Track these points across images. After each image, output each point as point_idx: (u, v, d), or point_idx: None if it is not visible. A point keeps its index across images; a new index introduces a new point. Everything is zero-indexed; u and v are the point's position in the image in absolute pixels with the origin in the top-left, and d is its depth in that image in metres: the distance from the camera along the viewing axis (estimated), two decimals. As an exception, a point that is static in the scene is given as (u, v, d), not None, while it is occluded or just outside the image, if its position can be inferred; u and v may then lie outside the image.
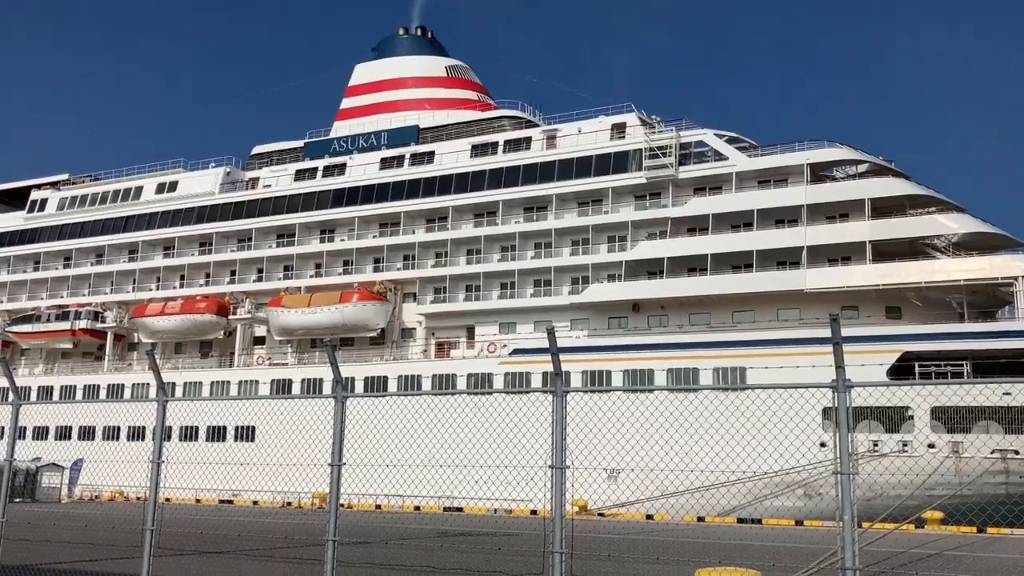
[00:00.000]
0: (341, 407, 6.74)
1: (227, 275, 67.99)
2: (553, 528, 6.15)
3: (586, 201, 57.54)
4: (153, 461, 7.49)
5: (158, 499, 7.57)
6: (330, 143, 69.50)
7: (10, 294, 75.20)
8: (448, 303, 59.09)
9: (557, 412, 6.28)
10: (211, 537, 22.02)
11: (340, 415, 6.67)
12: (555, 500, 6.10)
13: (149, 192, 72.64)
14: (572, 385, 48.78)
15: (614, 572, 15.28)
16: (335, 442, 6.68)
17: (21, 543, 16.63)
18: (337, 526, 6.55)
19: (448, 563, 16.51)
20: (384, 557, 17.33)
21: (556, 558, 6.05)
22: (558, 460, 6.24)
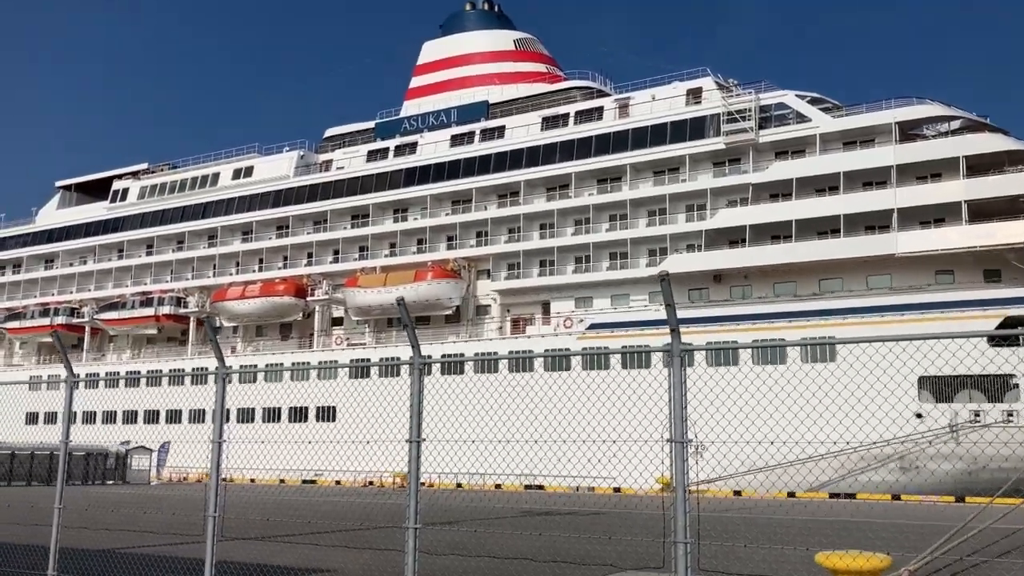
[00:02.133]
0: (419, 374, 5.90)
1: (304, 257, 68.46)
2: (676, 514, 5.19)
3: (662, 170, 55.89)
4: (214, 441, 6.81)
5: (219, 482, 6.86)
6: (400, 122, 69.19)
7: (97, 282, 77.21)
8: (522, 279, 58.30)
9: (675, 376, 5.31)
10: (290, 520, 21.71)
11: (418, 384, 5.83)
12: (678, 480, 5.15)
13: (226, 178, 73.54)
14: (654, 361, 47.61)
15: (723, 554, 14.26)
16: (413, 415, 5.85)
17: (96, 526, 16.45)
18: (418, 511, 5.74)
19: (557, 552, 15.68)
20: (475, 543, 16.58)
21: (680, 549, 5.10)
22: (678, 432, 5.27)
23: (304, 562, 13.38)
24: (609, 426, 30.06)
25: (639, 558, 14.26)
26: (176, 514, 17.83)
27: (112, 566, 11.38)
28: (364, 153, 68.67)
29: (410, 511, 5.81)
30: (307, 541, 16.40)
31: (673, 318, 5.54)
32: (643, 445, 15.96)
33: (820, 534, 17.22)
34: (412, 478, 5.78)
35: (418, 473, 5.91)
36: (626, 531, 19.85)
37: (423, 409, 5.98)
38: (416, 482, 5.86)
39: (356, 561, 13.98)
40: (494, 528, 20.43)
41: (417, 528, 5.81)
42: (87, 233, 79.66)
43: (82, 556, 12.18)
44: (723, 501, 36.67)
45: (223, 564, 7.15)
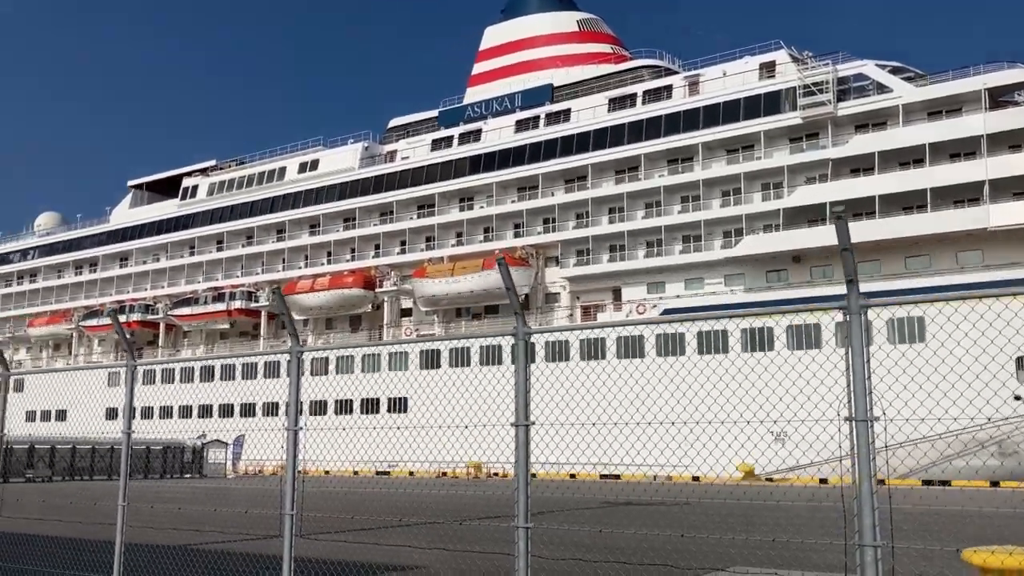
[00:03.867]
0: (524, 346, 4.94)
1: (371, 249, 68.37)
2: (860, 511, 4.13)
3: (735, 148, 54.05)
4: (289, 428, 5.99)
5: (296, 474, 6.01)
6: (464, 110, 68.51)
7: (170, 279, 78.46)
8: (592, 265, 57.10)
9: (855, 338, 4.25)
10: (371, 513, 21.07)
11: (524, 357, 4.87)
12: (862, 469, 4.09)
13: (292, 172, 73.90)
14: (732, 347, 46.05)
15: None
16: (519, 394, 4.89)
17: (173, 521, 15.98)
18: (529, 508, 4.80)
19: (677, 548, 14.63)
20: (591, 541, 15.59)
21: (868, 554, 4.04)
22: (860, 408, 4.21)
23: (386, 558, 12.63)
24: (686, 412, 28.88)
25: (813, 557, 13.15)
26: (250, 512, 17.22)
27: (185, 565, 10.74)
28: (428, 142, 68.21)
29: (519, 508, 4.86)
30: (388, 535, 15.68)
31: (851, 265, 4.48)
32: (723, 432, 14.91)
33: (941, 528, 15.87)
34: (520, 468, 4.83)
35: (527, 463, 4.95)
36: (743, 525, 18.68)
37: (529, 389, 5.02)
38: (526, 473, 4.90)
39: (440, 557, 13.15)
40: (588, 520, 19.47)
41: (528, 528, 4.85)
42: (159, 231, 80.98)
43: (153, 554, 11.58)
44: (812, 490, 35.04)
45: (301, 561, 6.35)
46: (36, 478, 45.54)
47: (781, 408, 12.63)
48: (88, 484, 42.19)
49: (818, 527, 15.88)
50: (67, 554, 11.56)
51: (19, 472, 45.37)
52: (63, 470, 47.58)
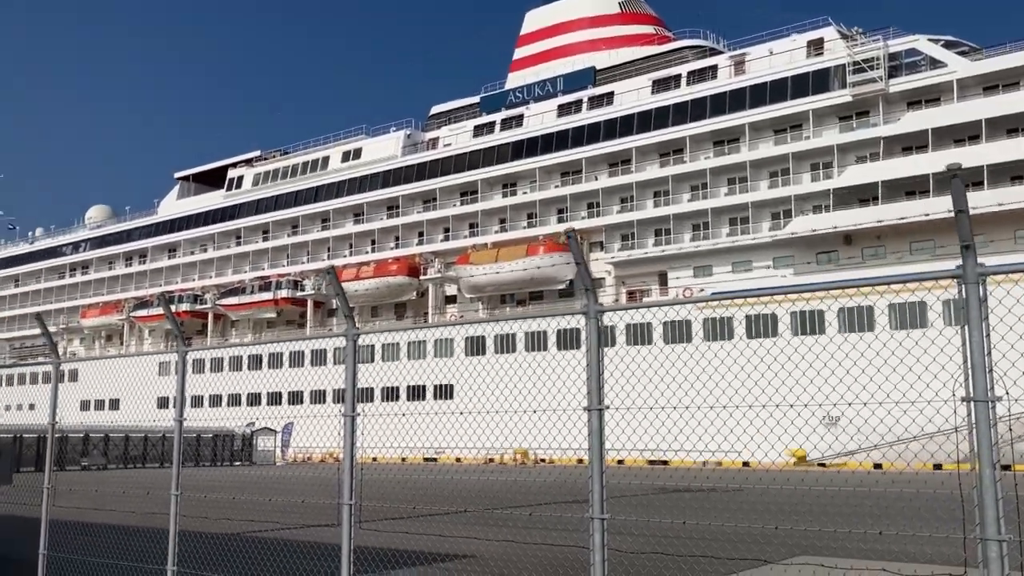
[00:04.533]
0: (596, 324, 4.62)
1: (415, 237, 68.40)
2: (982, 501, 3.74)
3: (783, 128, 52.94)
4: (345, 415, 5.73)
5: (353, 463, 5.77)
6: (505, 95, 68.08)
7: (217, 269, 79.36)
8: (637, 249, 56.44)
9: (973, 309, 3.86)
10: (426, 501, 20.95)
11: (597, 336, 4.56)
12: (983, 455, 3.70)
13: (335, 161, 74.17)
14: (780, 332, 45.20)
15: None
16: (591, 376, 4.58)
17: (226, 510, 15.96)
18: (605, 498, 4.49)
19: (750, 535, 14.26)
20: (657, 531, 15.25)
21: (992, 549, 3.66)
22: (980, 388, 3.83)
23: (441, 547, 12.44)
24: (738, 395, 28.35)
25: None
26: (306, 501, 17.14)
27: (241, 554, 10.62)
28: (470, 129, 67.93)
29: (594, 497, 4.55)
30: (449, 525, 15.50)
31: (966, 229, 4.08)
32: (775, 416, 14.45)
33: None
34: (594, 455, 4.51)
35: (602, 450, 4.63)
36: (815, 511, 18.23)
37: (603, 371, 4.70)
38: (600, 461, 4.58)
39: (492, 547, 12.92)
40: (648, 508, 19.14)
41: (605, 519, 4.54)
42: (205, 222, 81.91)
43: (208, 542, 11.50)
44: (868, 476, 34.31)
45: (358, 550, 6.11)
46: (91, 466, 46.37)
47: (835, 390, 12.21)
48: (141, 472, 42.84)
49: (902, 515, 15.39)
50: (121, 543, 11.53)
51: (74, 460, 46.24)
52: (117, 458, 48.41)
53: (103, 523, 14.23)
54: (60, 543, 8.66)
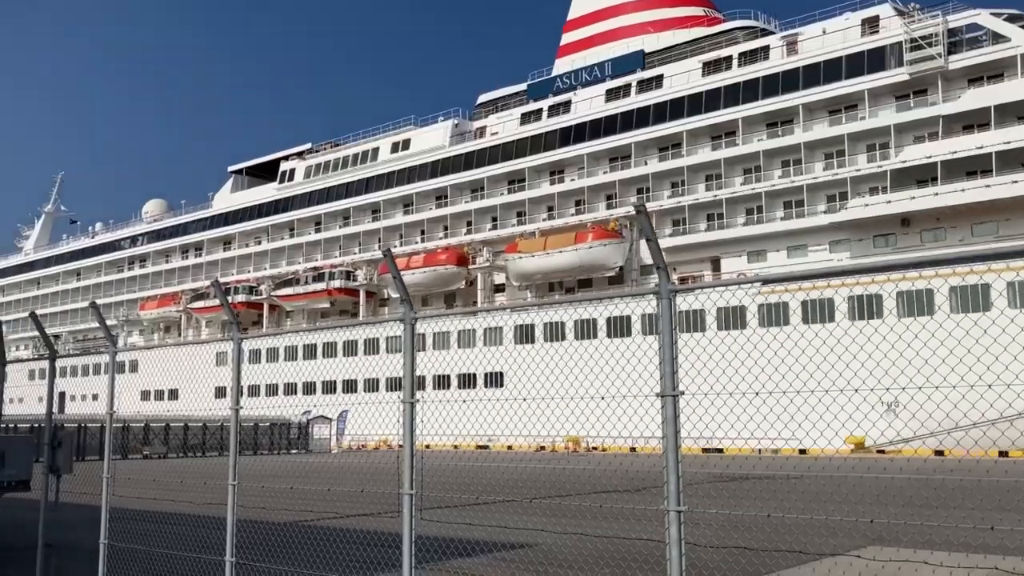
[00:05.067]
0: (670, 305, 4.41)
1: (464, 226, 68.43)
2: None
3: (838, 108, 51.73)
4: (404, 401, 5.59)
5: (413, 451, 5.64)
6: (553, 82, 67.62)
7: (271, 261, 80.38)
8: (689, 235, 55.68)
9: None
10: (485, 489, 20.89)
11: (671, 318, 4.35)
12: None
13: (385, 152, 74.49)
14: (837, 317, 44.27)
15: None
16: (665, 361, 4.36)
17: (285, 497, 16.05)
18: (682, 489, 4.27)
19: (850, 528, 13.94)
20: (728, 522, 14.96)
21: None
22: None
23: (502, 537, 12.32)
24: (798, 381, 27.83)
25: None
26: (365, 490, 17.11)
27: (300, 544, 10.66)
28: (517, 116, 67.65)
29: (670, 488, 4.33)
30: (507, 512, 15.41)
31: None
32: (838, 402, 14.01)
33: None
34: (669, 444, 4.30)
35: (677, 438, 4.42)
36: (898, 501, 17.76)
37: (677, 355, 4.48)
38: (676, 450, 4.37)
39: (554, 536, 12.78)
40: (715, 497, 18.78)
41: (682, 511, 4.34)
42: (259, 214, 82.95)
43: (267, 532, 11.54)
44: (931, 463, 33.44)
45: (419, 538, 5.96)
46: (152, 455, 47.33)
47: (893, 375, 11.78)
48: (200, 461, 43.59)
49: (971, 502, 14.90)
50: (180, 532, 11.63)
51: (136, 449, 47.26)
52: (177, 447, 49.33)
53: (163, 511, 14.41)
54: (120, 532, 8.71)
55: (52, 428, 8.79)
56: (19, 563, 9.47)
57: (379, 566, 9.52)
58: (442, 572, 9.58)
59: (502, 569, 9.98)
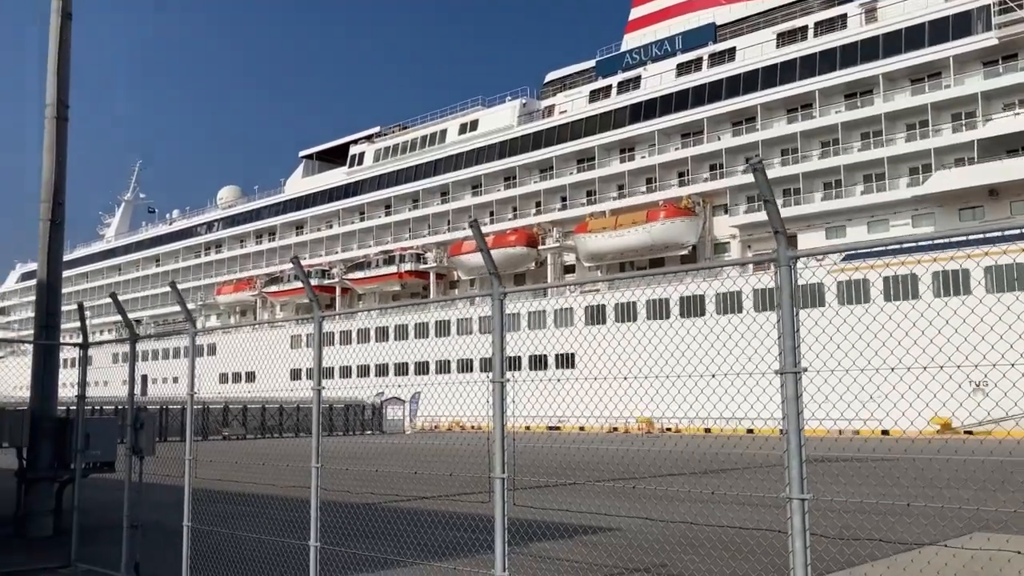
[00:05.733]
0: (790, 273, 4.00)
1: (533, 207, 68.01)
2: None
3: (920, 77, 49.66)
4: (495, 381, 5.27)
5: (504, 433, 5.33)
6: (622, 58, 66.52)
7: (343, 244, 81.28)
8: (763, 212, 54.07)
9: None
10: (573, 471, 20.64)
11: (790, 287, 3.94)
12: None
13: (453, 134, 74.45)
14: (921, 291, 42.65)
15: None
16: (785, 335, 3.97)
17: (368, 480, 16.01)
18: (805, 476, 3.87)
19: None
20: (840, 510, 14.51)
21: None
22: None
23: (582, 520, 12.04)
24: (878, 358, 26.82)
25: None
26: (453, 474, 16.99)
27: (385, 527, 10.52)
28: (586, 94, 66.79)
29: (792, 474, 3.93)
30: (580, 494, 15.11)
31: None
32: (915, 380, 13.33)
33: None
34: (792, 424, 3.90)
35: (800, 418, 4.01)
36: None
37: (799, 327, 4.06)
38: (799, 431, 3.97)
39: (640, 521, 12.43)
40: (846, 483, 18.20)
41: (806, 499, 3.94)
42: (330, 199, 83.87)
43: (351, 514, 11.44)
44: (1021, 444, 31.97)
45: (510, 521, 5.67)
46: (231, 436, 48.32)
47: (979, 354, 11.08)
48: (278, 442, 44.30)
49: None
50: (262, 514, 11.61)
51: (216, 431, 48.34)
52: (254, 428, 50.26)
53: (245, 493, 14.51)
54: (203, 513, 8.66)
55: (134, 410, 8.77)
56: (105, 542, 9.54)
57: (463, 550, 9.31)
58: (525, 556, 9.32)
59: (585, 553, 9.68)
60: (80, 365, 9.99)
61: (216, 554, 8.58)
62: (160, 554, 8.81)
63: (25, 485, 11.96)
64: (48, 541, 11.30)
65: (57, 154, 12.69)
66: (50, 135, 12.72)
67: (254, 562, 8.14)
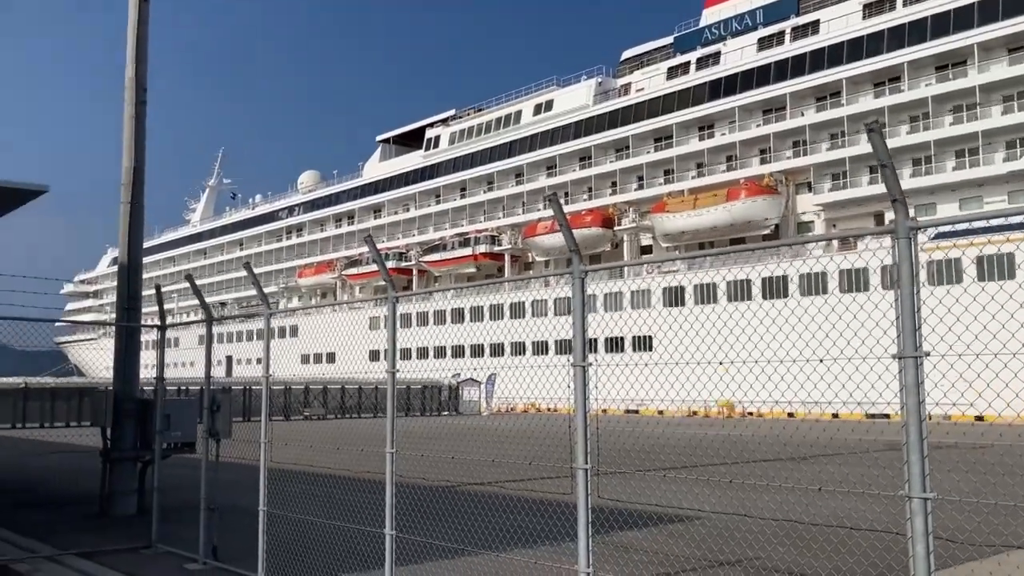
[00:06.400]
0: (909, 247, 3.55)
1: (608, 187, 67.20)
2: None
3: (1020, 46, 47.12)
4: (575, 364, 4.93)
5: (587, 421, 4.99)
6: (701, 33, 64.98)
7: (419, 227, 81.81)
8: (850, 189, 52.47)
9: None
10: (654, 455, 20.26)
11: (910, 261, 3.49)
12: None
13: (527, 115, 73.99)
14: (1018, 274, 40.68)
15: None
16: (904, 315, 3.53)
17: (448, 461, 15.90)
18: (927, 471, 3.45)
19: None
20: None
21: None
22: None
23: (673, 503, 11.67)
24: (976, 342, 25.60)
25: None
26: (533, 463, 16.83)
27: (464, 514, 10.30)
28: (664, 71, 65.51)
29: (911, 470, 3.51)
30: (662, 481, 14.70)
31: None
32: (1012, 361, 12.53)
33: None
34: (911, 415, 3.48)
35: (921, 408, 3.59)
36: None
37: (920, 306, 3.62)
38: (920, 424, 3.54)
39: (722, 510, 11.99)
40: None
41: (930, 498, 3.51)
42: (406, 182, 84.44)
43: (428, 500, 11.30)
44: None
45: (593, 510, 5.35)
46: (312, 416, 49.16)
47: None
48: (355, 422, 44.86)
49: None
50: (337, 498, 11.53)
51: (297, 410, 49.26)
52: (334, 408, 51.02)
53: (320, 474, 14.54)
54: (279, 495, 8.58)
55: (211, 392, 8.73)
56: (185, 523, 9.57)
57: (542, 538, 9.04)
58: (606, 546, 8.99)
59: (672, 544, 9.30)
60: (158, 346, 10.02)
61: (292, 539, 8.49)
62: (238, 537, 8.76)
63: (109, 465, 12.16)
64: (131, 520, 11.45)
65: (136, 136, 12.79)
66: (129, 117, 12.83)
67: (329, 547, 8.02)
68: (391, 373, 6.28)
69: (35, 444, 27.84)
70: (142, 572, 8.17)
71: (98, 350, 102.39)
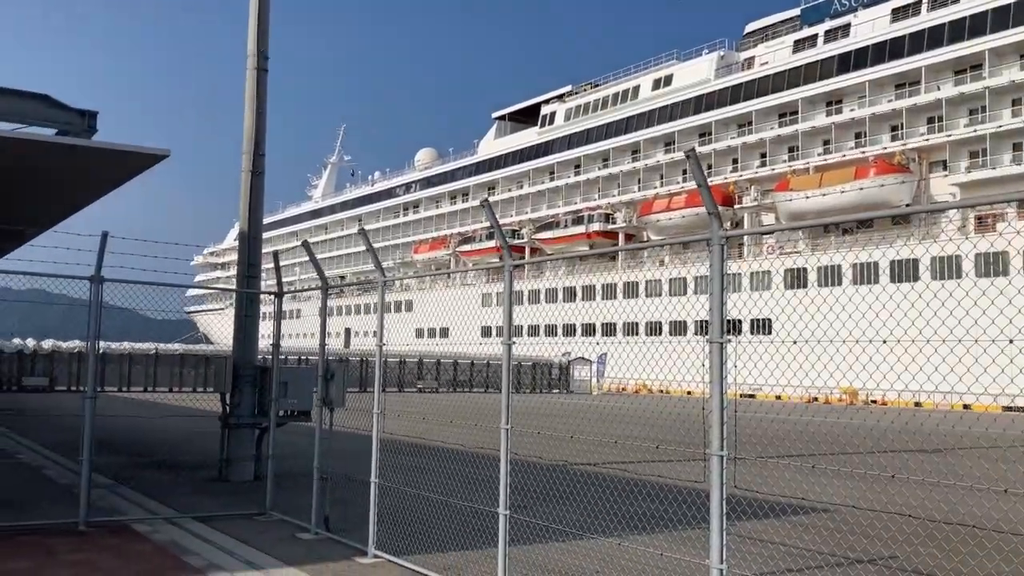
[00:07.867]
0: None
1: (729, 164, 65.27)
2: None
3: None
4: (712, 341, 4.45)
5: (724, 405, 4.51)
6: (830, 4, 62.07)
7: (533, 204, 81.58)
8: (990, 169, 49.24)
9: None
10: (785, 443, 19.51)
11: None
12: None
13: (646, 90, 72.54)
14: None
15: None
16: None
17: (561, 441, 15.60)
18: None
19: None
20: None
21: None
22: None
23: (797, 492, 11.03)
24: None
25: None
26: (660, 447, 16.39)
27: (581, 497, 9.96)
28: (790, 44, 62.98)
29: None
30: (785, 470, 14.01)
31: None
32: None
33: None
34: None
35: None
36: None
37: None
38: None
39: (854, 498, 11.26)
40: None
41: None
42: (521, 159, 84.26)
43: (545, 480, 11.00)
44: None
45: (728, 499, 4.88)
46: (425, 389, 49.83)
47: None
48: (468, 396, 45.14)
49: None
50: (450, 471, 11.35)
51: (411, 383, 50.06)
52: (447, 382, 51.59)
53: (434, 447, 14.44)
54: (391, 467, 8.41)
55: (325, 361, 8.63)
56: (299, 491, 9.57)
57: (664, 523, 8.60)
58: (733, 536, 8.45)
59: (807, 539, 8.70)
60: (275, 316, 10.00)
61: (402, 512, 8.31)
62: (349, 508, 8.66)
63: (228, 431, 12.34)
64: (248, 486, 11.58)
65: (258, 105, 12.85)
66: (251, 85, 12.89)
67: (440, 523, 7.80)
68: (507, 345, 5.94)
69: (162, 408, 29.07)
70: (255, 539, 8.15)
71: (225, 319, 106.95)
